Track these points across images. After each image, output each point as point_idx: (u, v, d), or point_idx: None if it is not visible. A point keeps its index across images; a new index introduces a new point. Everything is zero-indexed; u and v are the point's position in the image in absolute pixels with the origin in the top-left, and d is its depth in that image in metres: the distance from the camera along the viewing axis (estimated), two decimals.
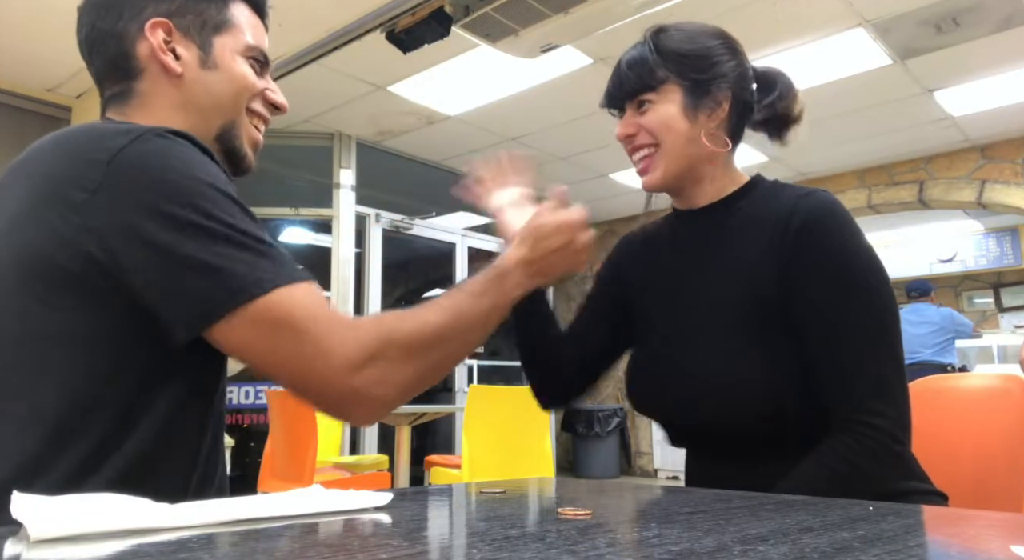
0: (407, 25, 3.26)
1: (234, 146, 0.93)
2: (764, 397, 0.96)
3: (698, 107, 1.07)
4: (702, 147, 1.07)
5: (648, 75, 1.09)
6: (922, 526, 0.57)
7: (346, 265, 5.10)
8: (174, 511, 0.53)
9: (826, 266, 0.97)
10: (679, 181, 1.11)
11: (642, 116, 1.10)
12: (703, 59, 1.08)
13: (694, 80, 1.07)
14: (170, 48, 0.88)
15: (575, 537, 0.51)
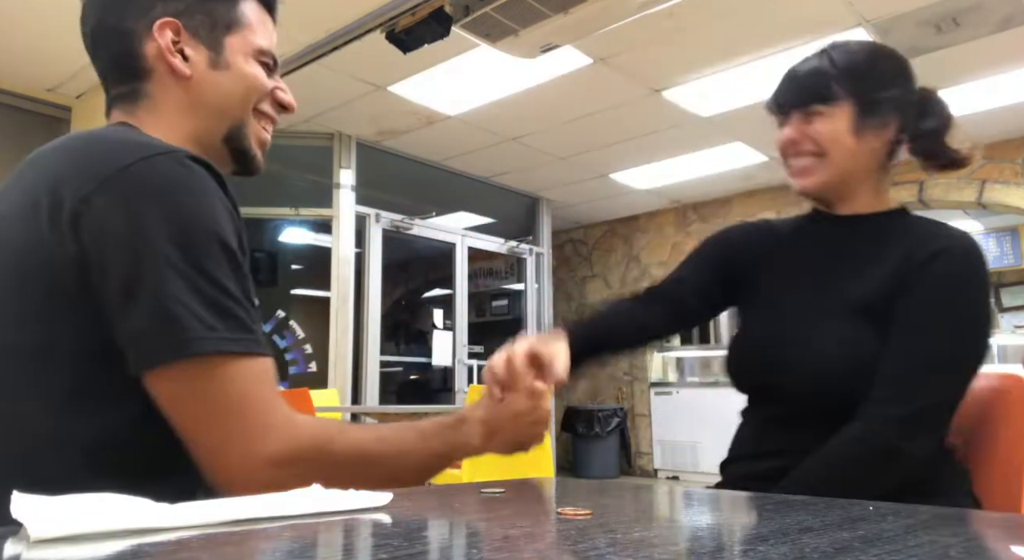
0: (407, 25, 3.26)
1: (243, 147, 0.92)
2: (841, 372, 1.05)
3: (866, 125, 1.11)
4: (864, 163, 1.13)
5: (825, 88, 1.12)
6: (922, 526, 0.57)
7: (346, 265, 5.11)
8: (174, 511, 0.53)
9: (947, 285, 1.04)
10: (833, 192, 1.16)
11: (810, 125, 1.13)
12: (879, 79, 1.12)
13: (867, 99, 1.11)
14: (178, 49, 0.86)
15: (575, 537, 0.51)
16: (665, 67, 4.18)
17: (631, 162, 5.87)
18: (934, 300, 1.04)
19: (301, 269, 6.33)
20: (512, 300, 7.51)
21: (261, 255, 5.68)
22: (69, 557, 0.44)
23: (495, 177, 6.26)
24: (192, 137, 0.87)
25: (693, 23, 3.69)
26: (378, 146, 5.42)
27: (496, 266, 7.51)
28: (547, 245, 6.84)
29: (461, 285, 6.05)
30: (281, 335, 5.25)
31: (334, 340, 4.99)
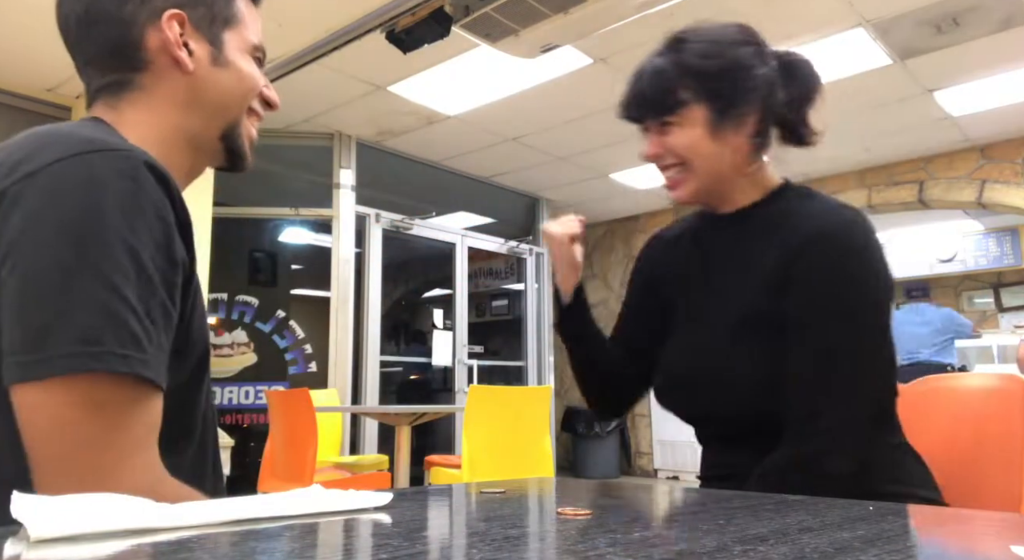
0: (407, 25, 3.26)
1: (237, 145, 0.90)
2: (759, 391, 1.00)
3: (723, 124, 1.05)
4: (731, 161, 1.07)
5: (669, 96, 1.05)
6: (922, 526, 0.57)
7: (346, 265, 5.10)
8: (174, 511, 0.53)
9: (823, 280, 0.99)
10: (708, 195, 1.12)
11: (666, 137, 1.08)
12: (728, 75, 1.05)
13: (719, 97, 1.04)
14: (183, 42, 0.82)
15: (575, 537, 0.51)
16: None
17: (631, 162, 5.87)
18: (813, 294, 0.99)
19: (301, 269, 6.33)
20: (512, 300, 7.51)
21: (261, 255, 5.68)
22: (69, 557, 0.44)
23: (495, 177, 6.26)
24: (183, 133, 0.84)
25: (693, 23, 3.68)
26: (378, 146, 5.42)
27: (496, 266, 7.51)
28: (547, 245, 6.83)
29: (461, 285, 6.05)
30: (281, 335, 5.25)
31: (334, 340, 4.99)
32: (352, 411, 4.60)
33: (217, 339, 5.08)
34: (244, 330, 5.16)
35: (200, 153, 0.88)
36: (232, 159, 0.90)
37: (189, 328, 0.74)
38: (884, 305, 1.01)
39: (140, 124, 0.81)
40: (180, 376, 0.73)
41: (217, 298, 5.09)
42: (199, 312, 0.76)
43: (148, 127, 0.82)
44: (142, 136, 0.79)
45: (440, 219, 6.11)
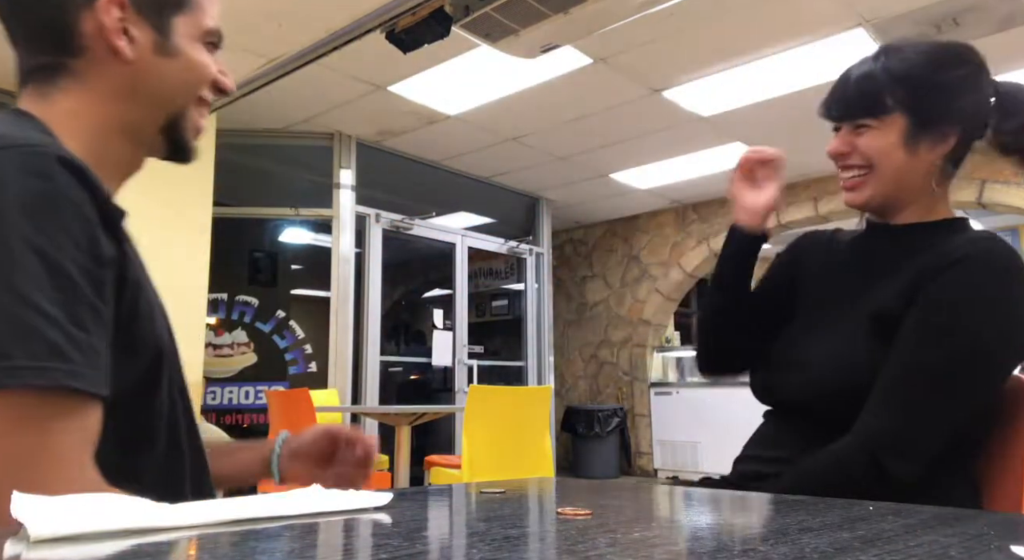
0: (407, 25, 3.26)
1: (181, 138, 0.83)
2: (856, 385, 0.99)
3: (920, 140, 1.04)
4: (916, 178, 1.06)
5: (875, 101, 1.05)
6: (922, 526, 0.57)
7: (346, 265, 5.11)
8: (174, 511, 0.53)
9: (952, 296, 0.97)
10: (884, 205, 1.11)
11: (858, 138, 1.07)
12: (938, 92, 1.04)
13: (924, 113, 1.03)
14: (123, 28, 0.76)
15: (575, 537, 0.51)
16: (665, 67, 4.18)
17: (631, 162, 5.87)
18: (937, 312, 0.97)
19: (301, 269, 6.33)
20: (512, 300, 7.51)
21: (261, 255, 5.68)
22: (69, 557, 0.44)
23: (495, 177, 6.26)
24: (121, 125, 0.79)
25: (693, 23, 3.69)
26: (378, 146, 5.42)
27: (496, 266, 7.51)
28: (547, 245, 6.84)
29: (461, 285, 6.05)
30: (281, 335, 5.25)
31: (334, 340, 4.99)
32: (352, 411, 4.60)
33: (217, 339, 5.08)
34: (244, 330, 5.16)
35: (139, 145, 0.82)
36: (175, 152, 0.84)
37: (132, 327, 0.70)
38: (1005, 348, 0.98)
39: (72, 114, 0.76)
40: (128, 378, 0.70)
41: (217, 298, 5.09)
42: (146, 311, 0.73)
43: (81, 118, 0.76)
44: (74, 128, 0.75)
45: (440, 219, 6.11)
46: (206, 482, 0.84)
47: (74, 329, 0.60)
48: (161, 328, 0.77)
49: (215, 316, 5.09)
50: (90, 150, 0.75)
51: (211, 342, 5.00)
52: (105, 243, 0.66)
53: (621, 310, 7.46)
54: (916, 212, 1.09)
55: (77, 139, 0.75)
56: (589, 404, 7.31)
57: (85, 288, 0.62)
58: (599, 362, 7.62)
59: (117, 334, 0.67)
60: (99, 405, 0.63)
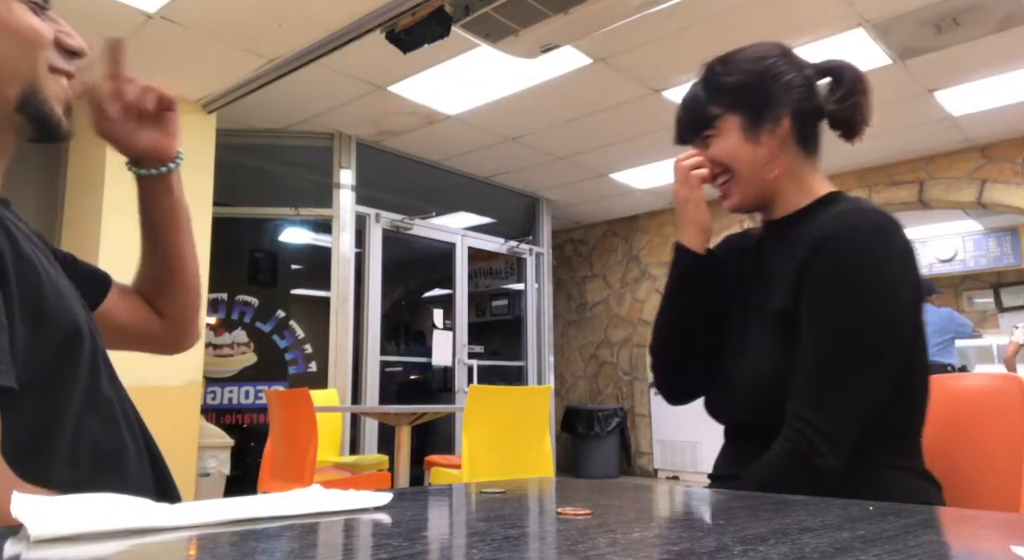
0: (407, 25, 3.26)
1: (42, 112, 0.76)
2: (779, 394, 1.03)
3: (759, 130, 1.11)
4: (773, 165, 1.12)
5: (703, 113, 1.14)
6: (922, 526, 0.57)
7: (346, 265, 5.10)
8: (174, 511, 0.53)
9: (830, 279, 1.01)
10: (758, 201, 1.16)
11: (707, 149, 1.16)
12: (754, 85, 1.12)
13: (748, 106, 1.11)
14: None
15: (575, 537, 0.51)
16: (665, 67, 4.18)
17: (631, 162, 5.87)
18: (815, 294, 1.02)
19: (301, 269, 6.33)
20: (512, 300, 7.51)
21: (261, 255, 5.68)
22: (69, 557, 0.44)
23: (495, 177, 6.26)
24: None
25: (693, 23, 3.68)
26: (378, 146, 5.42)
27: (496, 266, 7.51)
28: (547, 245, 6.84)
29: (461, 285, 6.05)
30: (281, 335, 5.25)
31: (334, 340, 4.99)
32: (352, 411, 4.60)
33: (217, 339, 5.08)
34: (244, 330, 5.16)
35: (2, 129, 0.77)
36: (42, 129, 0.77)
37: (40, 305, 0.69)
38: (892, 311, 1.01)
39: None
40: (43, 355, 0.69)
41: (217, 298, 5.09)
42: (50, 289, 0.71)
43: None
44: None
45: (440, 219, 6.11)
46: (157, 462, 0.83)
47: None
48: (73, 308, 0.75)
49: (215, 316, 5.09)
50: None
51: (211, 342, 5.00)
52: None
53: (621, 310, 7.46)
54: (791, 198, 1.14)
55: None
56: (589, 404, 7.31)
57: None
58: (599, 362, 7.62)
59: (19, 318, 0.66)
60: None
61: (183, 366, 4.03)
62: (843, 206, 1.09)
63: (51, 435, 0.71)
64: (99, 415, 0.76)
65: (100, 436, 0.75)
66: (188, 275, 1.00)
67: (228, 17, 3.48)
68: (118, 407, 0.80)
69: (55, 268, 0.80)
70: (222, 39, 3.68)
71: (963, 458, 1.16)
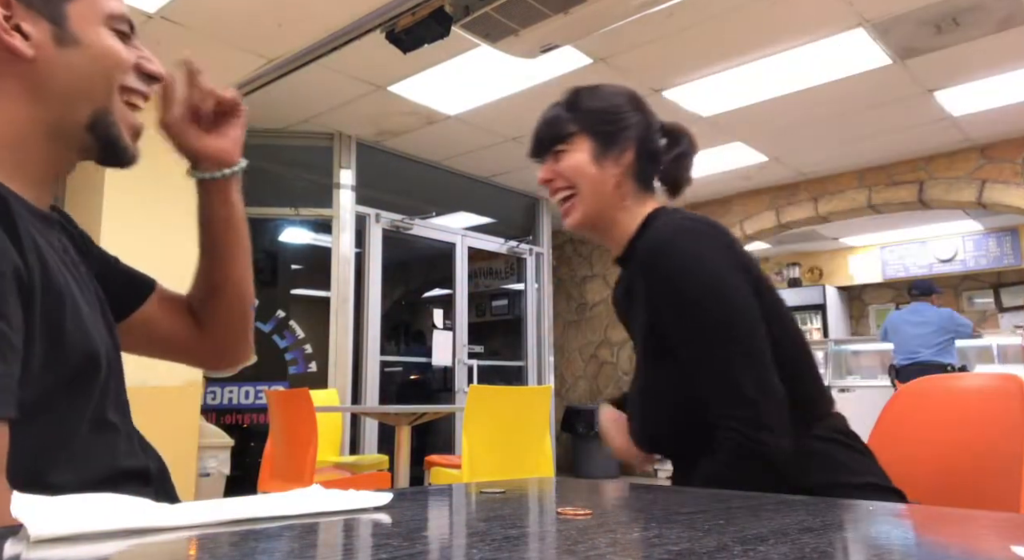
0: (407, 25, 3.26)
1: (111, 135, 0.78)
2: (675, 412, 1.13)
3: (606, 155, 1.20)
4: (612, 191, 1.21)
5: (562, 129, 1.23)
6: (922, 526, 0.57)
7: (346, 265, 5.10)
8: (174, 511, 0.53)
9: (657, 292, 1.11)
10: (596, 222, 1.24)
11: (557, 163, 1.23)
12: (609, 113, 1.22)
13: (601, 131, 1.21)
14: (13, 25, 0.71)
15: (575, 537, 0.51)
16: (665, 67, 4.18)
17: None
18: (664, 307, 1.10)
19: (301, 269, 6.33)
20: (512, 300, 7.51)
21: (261, 255, 5.68)
22: (69, 557, 0.44)
23: (495, 177, 6.26)
24: (39, 126, 0.75)
25: (693, 23, 3.68)
26: (378, 146, 5.42)
27: (496, 266, 7.51)
28: (547, 245, 6.84)
29: (461, 285, 6.05)
30: (281, 335, 5.25)
31: (334, 340, 4.99)
32: (352, 411, 4.60)
33: None
34: None
35: (65, 147, 0.78)
36: (108, 152, 0.79)
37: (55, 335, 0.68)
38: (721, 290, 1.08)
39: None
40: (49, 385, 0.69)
41: None
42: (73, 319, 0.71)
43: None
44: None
45: (440, 219, 6.11)
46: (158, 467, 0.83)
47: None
48: (92, 334, 0.74)
49: None
50: (7, 156, 0.73)
51: None
52: (3, 255, 0.64)
53: None
54: (622, 227, 1.23)
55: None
56: (589, 404, 7.31)
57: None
58: (599, 362, 7.62)
59: (37, 342, 0.66)
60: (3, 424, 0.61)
61: (183, 366, 4.02)
62: (655, 223, 1.19)
63: (54, 459, 0.71)
64: (103, 440, 0.76)
65: (102, 462, 0.75)
66: (235, 290, 0.97)
67: (228, 17, 3.49)
68: (122, 431, 0.79)
69: (85, 283, 0.80)
70: (222, 39, 3.68)
71: (963, 458, 1.16)
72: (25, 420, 0.64)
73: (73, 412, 0.72)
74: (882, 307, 8.69)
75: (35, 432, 0.66)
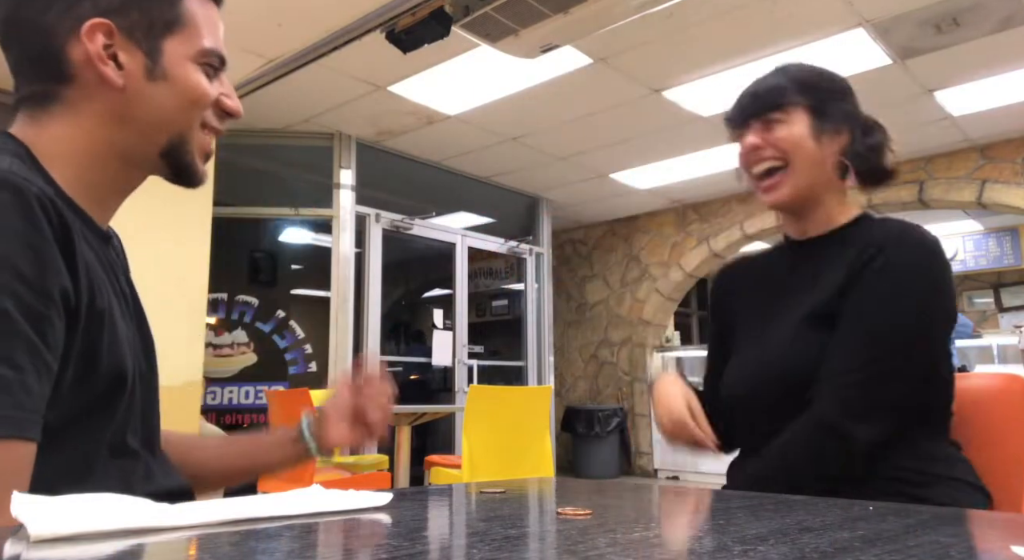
0: (407, 25, 3.26)
1: (184, 163, 0.81)
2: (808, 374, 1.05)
3: (823, 131, 1.14)
4: (825, 171, 1.14)
5: (780, 96, 1.15)
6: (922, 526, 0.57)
7: (346, 265, 5.10)
8: (174, 511, 0.53)
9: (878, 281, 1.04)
10: (803, 201, 1.17)
11: (770, 132, 1.15)
12: (830, 88, 1.17)
13: (821, 108, 1.14)
14: (111, 55, 0.74)
15: (575, 537, 0.51)
16: (665, 67, 4.18)
17: (631, 162, 5.87)
18: (873, 289, 1.05)
19: (301, 269, 6.33)
20: (512, 300, 7.51)
21: (261, 255, 5.68)
22: (69, 557, 0.44)
23: (495, 177, 6.26)
24: (114, 149, 0.77)
25: (693, 23, 3.68)
26: (378, 146, 5.42)
27: (496, 266, 7.51)
28: (547, 245, 6.84)
29: (461, 285, 6.05)
30: (281, 335, 5.25)
31: (334, 340, 4.99)
32: None
33: (217, 339, 5.08)
34: (244, 330, 5.16)
35: (136, 169, 0.81)
36: (181, 176, 0.82)
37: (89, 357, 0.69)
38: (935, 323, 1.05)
39: (62, 139, 0.75)
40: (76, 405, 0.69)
41: (217, 298, 5.09)
42: (108, 340, 0.71)
43: (69, 142, 0.76)
44: (63, 153, 0.75)
45: (440, 219, 6.11)
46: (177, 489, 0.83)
47: (8, 370, 0.59)
48: (125, 356, 0.74)
49: (215, 316, 5.09)
50: (80, 175, 0.75)
51: (211, 342, 5.00)
52: (57, 276, 0.64)
53: (621, 310, 7.46)
54: (831, 211, 1.17)
55: (66, 164, 0.74)
56: (589, 404, 7.31)
57: (22, 324, 0.61)
58: (599, 362, 7.62)
59: (72, 364, 0.66)
60: (25, 444, 0.61)
61: (183, 366, 4.03)
62: (892, 222, 1.13)
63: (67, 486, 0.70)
64: (117, 467, 0.75)
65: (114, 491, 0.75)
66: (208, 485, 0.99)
67: (228, 17, 3.46)
68: (142, 457, 0.78)
69: (126, 299, 0.80)
70: None
71: None
72: (45, 443, 0.64)
73: (92, 436, 0.72)
74: None
75: (53, 456, 0.66)
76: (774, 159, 1.15)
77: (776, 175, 1.15)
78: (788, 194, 1.14)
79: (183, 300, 4.04)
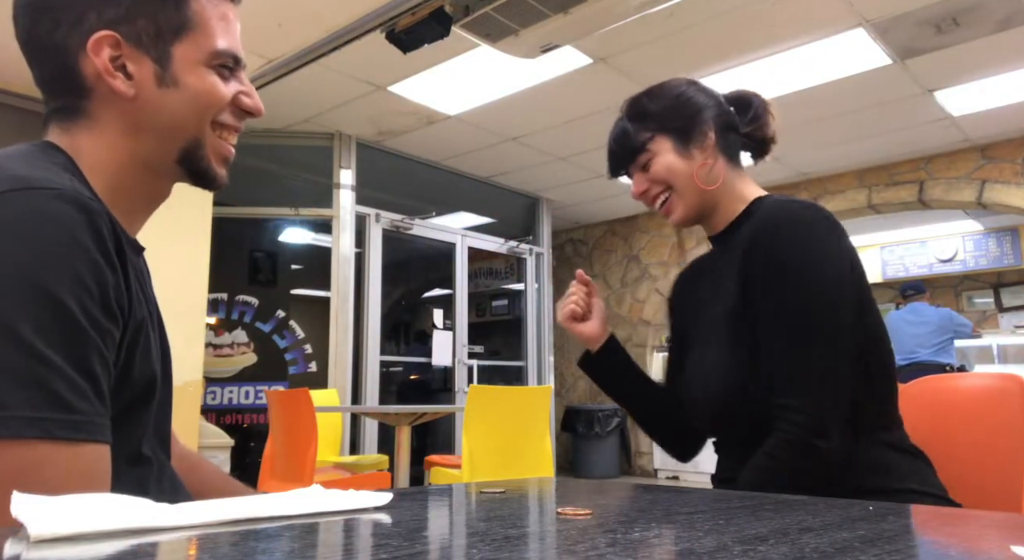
0: (407, 25, 3.26)
1: (200, 167, 0.81)
2: (743, 395, 1.07)
3: (689, 143, 1.19)
4: (710, 176, 1.19)
5: (634, 142, 1.22)
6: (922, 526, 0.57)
7: (346, 265, 5.10)
8: (174, 511, 0.53)
9: (765, 269, 1.07)
10: (699, 212, 1.22)
11: (646, 172, 1.22)
12: (677, 107, 1.21)
13: (675, 125, 1.20)
14: (119, 65, 0.75)
15: (575, 537, 0.51)
16: (665, 67, 4.18)
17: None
18: (760, 287, 1.07)
19: (301, 269, 6.33)
20: (512, 300, 7.51)
21: (261, 255, 5.68)
22: (69, 557, 0.44)
23: (495, 177, 6.26)
24: (137, 159, 0.79)
25: (693, 23, 3.69)
26: (378, 146, 5.42)
27: (496, 266, 7.51)
28: (547, 245, 6.84)
29: (461, 285, 6.05)
30: (281, 335, 5.25)
31: (334, 340, 4.99)
32: (352, 411, 4.60)
33: (217, 339, 5.08)
34: (244, 330, 5.16)
35: (159, 178, 0.82)
36: (199, 180, 0.83)
37: (127, 367, 0.70)
38: (831, 286, 1.05)
39: (91, 151, 0.77)
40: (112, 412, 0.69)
41: (217, 298, 5.09)
42: (143, 348, 0.72)
43: (99, 154, 0.77)
44: (94, 164, 0.76)
45: (440, 219, 6.11)
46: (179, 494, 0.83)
47: (81, 378, 0.61)
48: (155, 361, 0.75)
49: (215, 316, 5.09)
50: (111, 185, 0.77)
51: (211, 342, 5.00)
52: (116, 291, 0.66)
53: (621, 310, 7.46)
54: (728, 206, 1.21)
55: (98, 175, 0.76)
56: (589, 404, 7.31)
57: (94, 336, 0.63)
58: None
59: (111, 376, 0.67)
60: (104, 448, 0.63)
61: (183, 366, 4.03)
62: (769, 204, 1.15)
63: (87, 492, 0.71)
64: (133, 475, 0.75)
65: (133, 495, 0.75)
66: None
67: None
68: (155, 465, 0.78)
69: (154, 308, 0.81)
70: None
71: (963, 458, 1.16)
72: None
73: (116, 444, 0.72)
74: (882, 307, 8.64)
75: None
76: (661, 191, 1.22)
77: (669, 200, 1.22)
78: (683, 212, 1.21)
79: (183, 300, 4.04)
